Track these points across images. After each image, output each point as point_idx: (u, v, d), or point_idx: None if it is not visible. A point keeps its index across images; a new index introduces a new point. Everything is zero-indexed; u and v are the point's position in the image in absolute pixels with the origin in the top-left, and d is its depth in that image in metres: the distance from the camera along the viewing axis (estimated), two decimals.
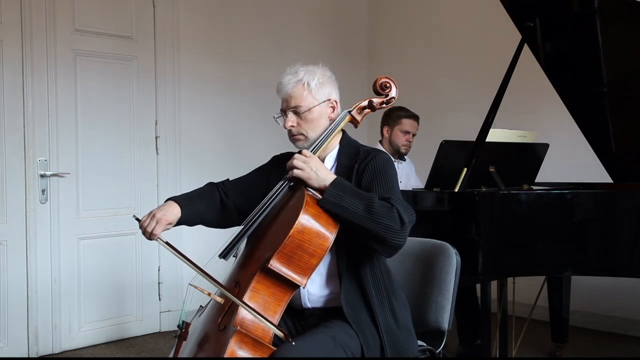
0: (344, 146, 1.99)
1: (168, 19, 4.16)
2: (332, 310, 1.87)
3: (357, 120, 1.99)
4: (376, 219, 1.71)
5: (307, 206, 1.73)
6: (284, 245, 1.70)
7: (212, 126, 4.41)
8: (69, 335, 3.75)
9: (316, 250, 1.73)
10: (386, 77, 2.01)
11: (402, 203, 1.77)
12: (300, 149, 1.96)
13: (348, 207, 1.73)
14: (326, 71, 1.98)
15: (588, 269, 2.58)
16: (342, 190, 1.76)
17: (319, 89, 1.93)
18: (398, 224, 1.72)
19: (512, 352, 3.17)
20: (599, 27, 2.88)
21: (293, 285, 1.74)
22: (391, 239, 1.73)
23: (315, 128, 1.94)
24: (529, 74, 3.56)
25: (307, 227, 1.72)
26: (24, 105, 3.57)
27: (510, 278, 3.17)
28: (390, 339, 1.83)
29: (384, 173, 1.87)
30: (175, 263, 4.17)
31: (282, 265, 1.71)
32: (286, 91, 1.94)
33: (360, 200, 1.74)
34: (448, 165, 2.90)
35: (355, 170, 1.90)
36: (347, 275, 1.83)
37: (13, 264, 3.54)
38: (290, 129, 1.95)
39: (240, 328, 1.66)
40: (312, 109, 1.92)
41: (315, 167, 1.81)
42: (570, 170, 4.05)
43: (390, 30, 5.31)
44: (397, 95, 2.02)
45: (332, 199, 1.75)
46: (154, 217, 1.88)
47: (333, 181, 1.78)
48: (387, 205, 1.74)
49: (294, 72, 1.95)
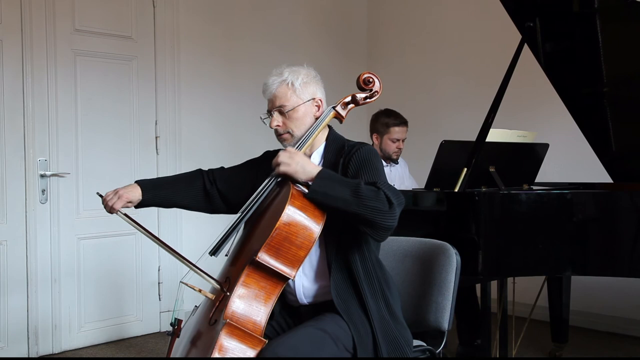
0: (330, 142, 2.01)
1: (168, 19, 4.16)
2: (326, 306, 1.88)
3: (342, 115, 2.02)
4: (364, 202, 1.72)
5: (292, 199, 1.74)
6: (271, 237, 1.72)
7: (212, 126, 4.41)
8: (69, 335, 3.75)
9: (303, 242, 1.74)
10: (369, 72, 2.04)
11: (389, 187, 1.78)
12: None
13: (335, 195, 1.74)
14: (311, 71, 2.02)
15: (588, 269, 2.58)
16: (329, 179, 1.78)
17: (303, 88, 1.97)
18: (386, 205, 1.73)
19: (512, 352, 3.17)
20: (599, 27, 2.89)
21: (282, 277, 1.75)
22: (380, 220, 1.73)
23: (301, 126, 1.97)
24: (529, 74, 3.56)
25: (293, 219, 1.73)
26: (24, 105, 3.57)
27: (510, 278, 3.17)
28: (382, 328, 1.83)
29: (369, 162, 1.90)
30: (175, 263, 4.17)
31: (271, 257, 1.73)
32: (271, 91, 1.98)
33: (346, 186, 1.75)
34: (448, 165, 2.90)
35: (340, 164, 1.92)
36: (335, 266, 1.85)
37: (13, 263, 3.54)
38: (276, 129, 1.99)
39: (230, 320, 1.67)
40: (296, 108, 1.96)
41: (301, 162, 1.82)
42: (570, 170, 4.05)
43: (390, 30, 5.32)
44: (381, 89, 2.04)
45: (319, 189, 1.76)
46: (116, 193, 2.01)
47: (319, 173, 1.79)
48: (374, 189, 1.75)
49: (279, 73, 1.99)
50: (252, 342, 1.66)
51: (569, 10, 3.00)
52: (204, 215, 2.25)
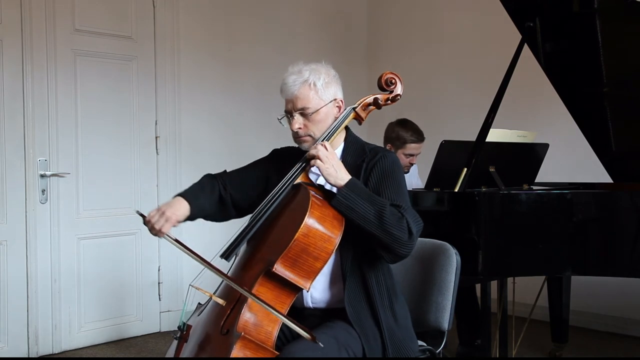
0: (349, 144, 1.96)
1: (168, 19, 4.16)
2: (332, 311, 1.87)
3: (362, 117, 1.95)
4: (385, 227, 1.71)
5: (312, 209, 1.70)
6: (289, 249, 1.68)
7: (212, 126, 4.41)
8: (69, 335, 3.75)
9: (321, 253, 1.71)
10: (391, 73, 1.97)
11: (411, 212, 1.76)
12: (306, 150, 1.92)
13: (359, 211, 1.72)
14: (330, 70, 1.95)
15: (588, 269, 2.58)
16: (356, 193, 1.74)
17: (325, 89, 1.89)
18: (406, 235, 1.72)
19: (512, 352, 3.17)
20: (599, 27, 2.88)
21: (297, 288, 1.73)
22: (396, 248, 1.73)
23: (323, 129, 1.90)
24: (529, 74, 3.56)
25: (312, 231, 1.69)
26: (24, 105, 3.57)
27: (510, 278, 3.17)
28: (391, 338, 1.83)
29: (393, 175, 1.85)
30: (175, 263, 4.18)
31: (287, 269, 1.70)
32: (292, 92, 1.88)
33: (372, 205, 1.72)
34: (448, 165, 2.89)
35: (363, 169, 1.87)
36: (351, 275, 1.82)
37: (13, 264, 3.54)
38: (297, 131, 1.90)
39: (244, 333, 1.65)
40: (319, 110, 1.88)
41: (335, 164, 1.79)
42: (570, 170, 4.05)
43: (390, 30, 5.31)
44: (402, 92, 1.98)
45: (344, 201, 1.73)
46: (163, 215, 1.81)
47: (348, 182, 1.76)
48: (398, 215, 1.73)
49: (298, 71, 1.90)
50: (265, 355, 1.65)
51: (569, 10, 3.00)
52: None
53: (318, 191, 1.80)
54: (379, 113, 3.58)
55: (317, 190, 1.81)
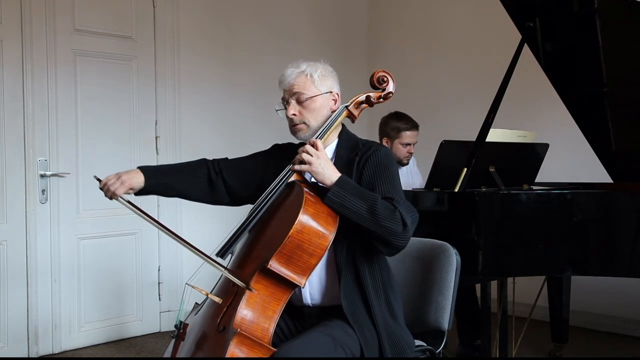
0: (343, 139, 1.99)
1: (168, 19, 4.16)
2: (330, 310, 1.87)
3: (355, 115, 1.98)
4: (379, 221, 1.72)
5: (306, 205, 1.72)
6: (284, 245, 1.70)
7: (212, 126, 4.41)
8: (69, 335, 3.75)
9: (315, 250, 1.73)
10: (383, 71, 2.00)
11: (404, 204, 1.78)
12: (301, 140, 1.96)
13: (351, 208, 1.74)
14: (327, 67, 2.01)
15: (588, 269, 2.58)
16: (346, 190, 1.76)
17: (322, 80, 1.95)
18: (400, 226, 1.73)
19: (512, 352, 3.17)
20: (599, 27, 2.88)
21: (292, 285, 1.75)
22: (393, 241, 1.74)
23: (317, 117, 1.94)
24: (529, 74, 3.56)
25: (306, 227, 1.71)
26: (24, 105, 3.57)
27: (510, 278, 3.17)
28: (387, 334, 1.83)
29: (386, 169, 1.87)
30: (175, 263, 4.18)
31: (282, 265, 1.71)
32: (289, 81, 1.95)
33: (363, 201, 1.74)
34: (448, 165, 2.89)
35: (356, 163, 1.90)
36: (346, 269, 1.84)
37: (13, 263, 3.54)
38: (292, 118, 1.94)
39: (240, 330, 1.66)
40: (314, 98, 1.93)
41: (324, 163, 1.81)
42: (570, 170, 4.05)
43: (390, 30, 5.31)
44: (395, 90, 2.01)
45: (335, 199, 1.75)
46: (119, 178, 1.92)
47: (338, 180, 1.78)
48: (390, 207, 1.74)
49: (296, 65, 1.97)
50: (262, 351, 1.65)
51: (569, 10, 3.00)
52: (205, 207, 2.22)
53: (312, 188, 1.82)
54: (379, 113, 3.58)
55: (311, 187, 1.83)
